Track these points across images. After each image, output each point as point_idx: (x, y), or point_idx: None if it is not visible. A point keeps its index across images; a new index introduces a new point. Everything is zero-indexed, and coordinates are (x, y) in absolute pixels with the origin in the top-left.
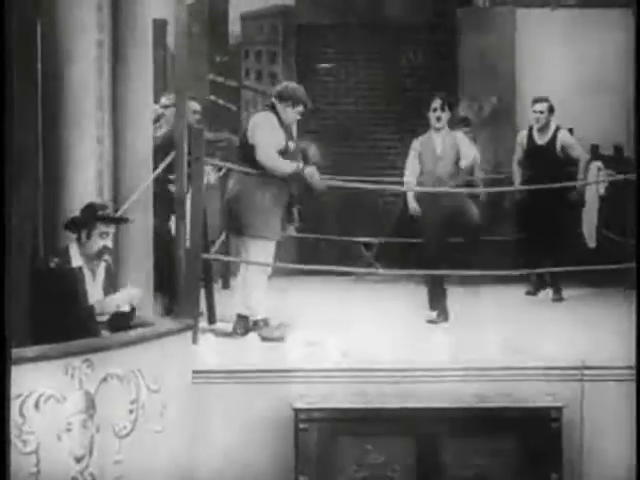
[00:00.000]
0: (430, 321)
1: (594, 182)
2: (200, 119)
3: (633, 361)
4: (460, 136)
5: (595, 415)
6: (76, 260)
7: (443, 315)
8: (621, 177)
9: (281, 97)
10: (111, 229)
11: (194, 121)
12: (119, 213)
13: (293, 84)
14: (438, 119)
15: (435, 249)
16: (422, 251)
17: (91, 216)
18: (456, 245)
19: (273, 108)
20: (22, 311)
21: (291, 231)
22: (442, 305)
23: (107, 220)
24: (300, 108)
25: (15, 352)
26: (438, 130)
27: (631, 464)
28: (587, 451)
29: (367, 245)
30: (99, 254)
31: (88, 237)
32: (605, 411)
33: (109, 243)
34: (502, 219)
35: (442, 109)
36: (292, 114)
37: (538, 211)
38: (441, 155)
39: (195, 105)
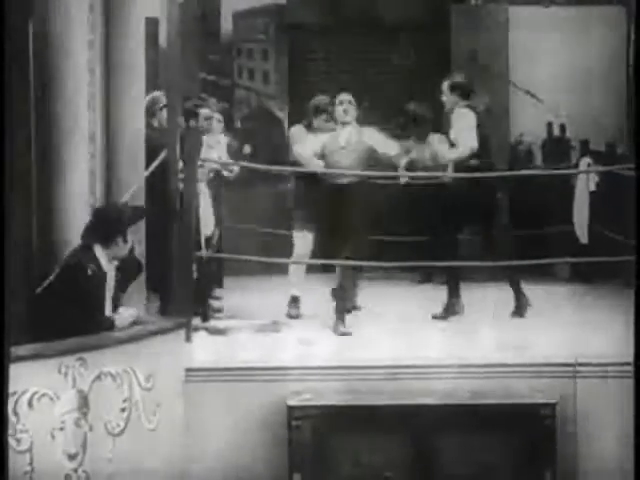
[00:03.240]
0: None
1: (580, 171)
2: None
3: (626, 357)
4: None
5: (588, 412)
6: (105, 264)
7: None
8: (609, 168)
9: None
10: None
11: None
12: None
13: None
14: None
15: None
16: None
17: (120, 223)
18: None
19: None
20: (20, 310)
21: None
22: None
23: (134, 223)
24: None
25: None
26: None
27: (628, 460)
28: (581, 448)
29: None
30: (124, 256)
31: (116, 243)
32: (598, 407)
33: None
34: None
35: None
36: None
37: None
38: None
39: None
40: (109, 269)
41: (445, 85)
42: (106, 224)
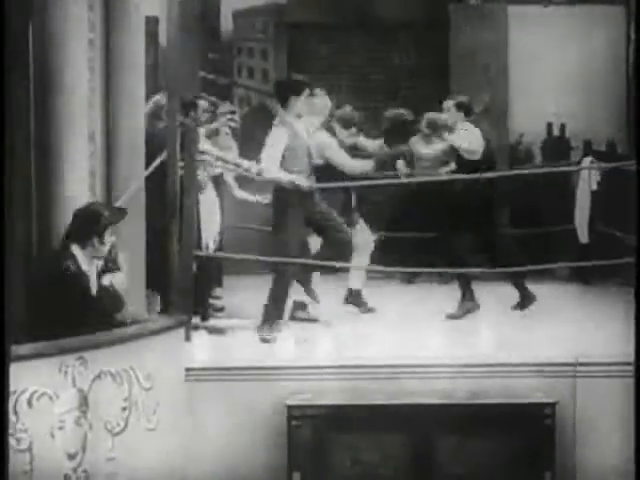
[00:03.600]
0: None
1: (580, 168)
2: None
3: (626, 357)
4: None
5: (588, 411)
6: (84, 264)
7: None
8: (611, 165)
9: None
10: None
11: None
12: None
13: None
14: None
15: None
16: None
17: (97, 224)
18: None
19: None
20: (17, 309)
21: None
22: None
23: (112, 224)
24: None
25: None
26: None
27: (628, 460)
28: (580, 447)
29: None
30: (101, 256)
31: (92, 244)
32: (598, 407)
33: (109, 245)
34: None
35: None
36: None
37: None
38: None
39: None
40: (90, 270)
41: (450, 103)
42: (83, 225)
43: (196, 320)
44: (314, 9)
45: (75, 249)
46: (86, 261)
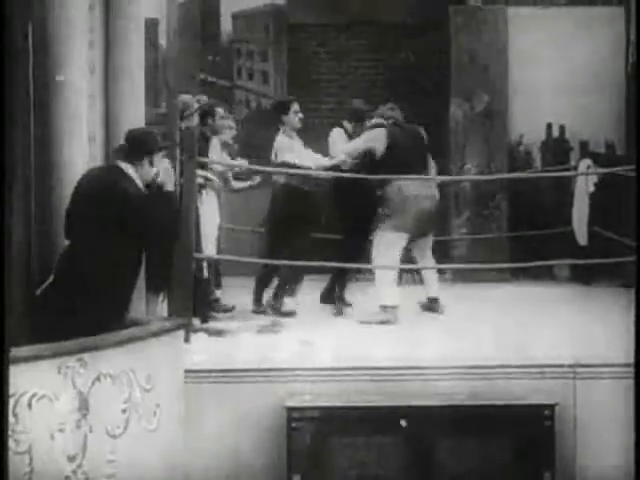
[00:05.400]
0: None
1: (579, 173)
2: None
3: (626, 358)
4: None
5: (588, 413)
6: (140, 184)
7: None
8: (609, 170)
9: None
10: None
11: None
12: None
13: None
14: None
15: None
16: None
17: (150, 144)
18: None
19: None
20: (19, 311)
21: None
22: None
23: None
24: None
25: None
26: None
27: (628, 462)
28: (580, 449)
29: None
30: (149, 180)
31: (142, 165)
32: (598, 409)
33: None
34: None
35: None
36: None
37: None
38: None
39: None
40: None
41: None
42: (135, 144)
43: (195, 322)
44: (314, 10)
45: (128, 168)
46: (140, 181)
